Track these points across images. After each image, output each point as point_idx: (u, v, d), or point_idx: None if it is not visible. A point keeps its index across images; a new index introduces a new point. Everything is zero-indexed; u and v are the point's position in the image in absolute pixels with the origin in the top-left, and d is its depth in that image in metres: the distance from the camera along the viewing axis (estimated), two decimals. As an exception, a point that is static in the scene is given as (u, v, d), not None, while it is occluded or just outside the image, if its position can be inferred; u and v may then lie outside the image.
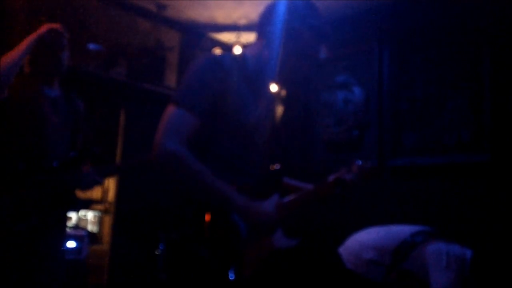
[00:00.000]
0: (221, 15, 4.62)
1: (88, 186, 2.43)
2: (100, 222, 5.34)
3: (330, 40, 1.72)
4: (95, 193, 5.34)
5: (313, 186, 1.95)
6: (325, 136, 4.52)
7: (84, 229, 4.87)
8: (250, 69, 1.70)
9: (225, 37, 5.11)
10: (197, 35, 4.99)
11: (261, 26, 1.73)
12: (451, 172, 3.54)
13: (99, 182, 2.46)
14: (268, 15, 1.72)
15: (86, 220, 5.30)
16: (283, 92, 4.77)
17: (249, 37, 4.70)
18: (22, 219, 2.19)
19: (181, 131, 1.52)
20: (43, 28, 2.32)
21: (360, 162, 2.06)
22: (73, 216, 5.17)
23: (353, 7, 4.30)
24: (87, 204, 2.56)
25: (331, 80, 4.52)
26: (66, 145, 2.45)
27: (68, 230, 4.43)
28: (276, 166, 1.80)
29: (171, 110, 1.55)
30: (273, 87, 1.76)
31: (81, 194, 2.49)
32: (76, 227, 4.98)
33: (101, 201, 5.32)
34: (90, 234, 4.68)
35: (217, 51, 4.77)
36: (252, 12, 4.38)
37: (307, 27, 1.67)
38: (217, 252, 1.54)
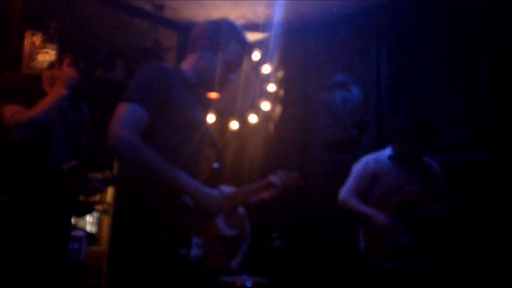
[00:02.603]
0: (218, 15, 4.58)
1: (91, 193, 2.47)
2: (98, 222, 5.33)
3: (250, 52, 2.00)
4: (94, 193, 5.33)
5: (250, 186, 2.13)
6: (323, 136, 4.52)
7: (83, 229, 4.87)
8: (189, 79, 1.94)
9: (223, 37, 5.10)
10: (195, 35, 4.97)
11: (194, 42, 1.98)
12: (449, 171, 3.54)
13: (102, 190, 2.51)
14: (200, 33, 1.99)
15: (85, 220, 5.30)
16: (281, 92, 4.77)
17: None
18: (24, 221, 2.20)
19: (134, 122, 1.68)
20: (73, 75, 2.34)
21: (283, 171, 2.19)
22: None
23: (351, 7, 4.30)
24: (90, 210, 2.59)
25: (329, 79, 4.52)
26: (71, 149, 2.47)
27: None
28: (215, 165, 1.98)
29: (123, 105, 1.70)
30: (208, 93, 2.02)
31: (85, 198, 2.51)
32: (75, 227, 4.98)
33: (100, 201, 5.32)
34: (89, 235, 4.67)
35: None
36: (249, 12, 4.37)
37: (235, 41, 1.97)
38: (173, 232, 1.73)
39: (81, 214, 2.56)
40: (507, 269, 3.20)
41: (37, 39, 3.63)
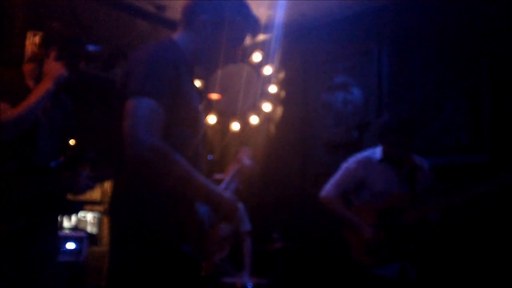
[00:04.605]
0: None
1: (80, 190, 2.37)
2: (99, 223, 5.33)
3: (257, 30, 1.80)
4: (94, 194, 5.33)
5: (230, 176, 1.98)
6: (324, 137, 4.52)
7: (84, 230, 4.87)
8: (186, 56, 1.65)
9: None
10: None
11: (192, 17, 1.69)
12: (450, 173, 3.54)
13: (91, 187, 2.41)
14: (200, 6, 1.70)
15: (86, 221, 5.30)
16: (282, 94, 4.77)
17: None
18: (10, 220, 2.13)
19: (156, 123, 1.41)
20: (60, 70, 2.28)
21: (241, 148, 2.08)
22: (72, 217, 5.16)
23: (353, 8, 4.30)
24: (78, 208, 2.51)
25: (330, 80, 4.52)
26: (57, 144, 2.41)
27: (67, 231, 4.44)
28: (209, 157, 1.78)
29: (139, 101, 1.42)
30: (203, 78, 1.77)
31: (78, 197, 2.46)
32: (76, 228, 4.98)
33: (100, 202, 5.32)
34: (90, 236, 4.67)
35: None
36: (251, 13, 4.37)
37: (241, 18, 1.72)
38: (194, 245, 1.55)
39: (69, 212, 2.48)
40: (501, 271, 3.20)
41: (39, 39, 3.63)
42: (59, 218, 2.49)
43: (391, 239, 2.84)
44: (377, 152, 3.07)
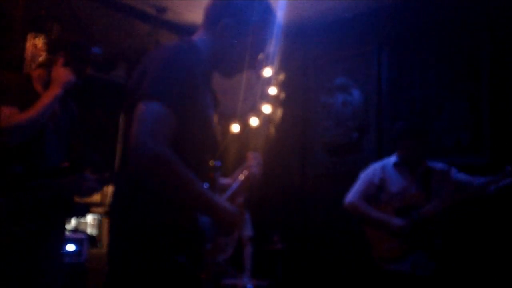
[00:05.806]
0: (220, 18, 4.61)
1: (87, 193, 2.41)
2: (99, 225, 5.32)
3: (277, 35, 1.74)
4: (95, 196, 5.32)
5: (237, 184, 1.92)
6: (324, 138, 4.53)
7: (84, 232, 4.86)
8: (204, 60, 1.57)
9: (224, 40, 5.10)
10: (196, 38, 4.98)
11: (214, 19, 1.62)
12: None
13: (97, 189, 2.44)
14: (224, 8, 1.61)
15: (86, 223, 5.29)
16: (282, 95, 4.78)
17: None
18: (19, 223, 2.17)
19: (165, 131, 1.34)
20: (69, 75, 2.32)
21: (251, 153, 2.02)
22: (72, 219, 5.16)
23: (352, 10, 4.31)
24: (85, 211, 2.53)
25: (330, 82, 4.53)
26: (64, 148, 2.43)
27: (67, 233, 4.43)
28: (217, 163, 1.67)
29: (149, 106, 1.35)
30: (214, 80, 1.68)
31: (80, 199, 2.47)
32: (76, 230, 4.97)
33: (101, 204, 5.30)
34: (90, 237, 4.66)
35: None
36: (251, 15, 4.38)
37: (266, 24, 1.64)
38: (192, 257, 1.49)
39: (76, 215, 2.52)
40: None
41: (39, 41, 3.64)
42: (66, 221, 2.51)
43: (413, 231, 2.99)
44: (392, 158, 3.23)
